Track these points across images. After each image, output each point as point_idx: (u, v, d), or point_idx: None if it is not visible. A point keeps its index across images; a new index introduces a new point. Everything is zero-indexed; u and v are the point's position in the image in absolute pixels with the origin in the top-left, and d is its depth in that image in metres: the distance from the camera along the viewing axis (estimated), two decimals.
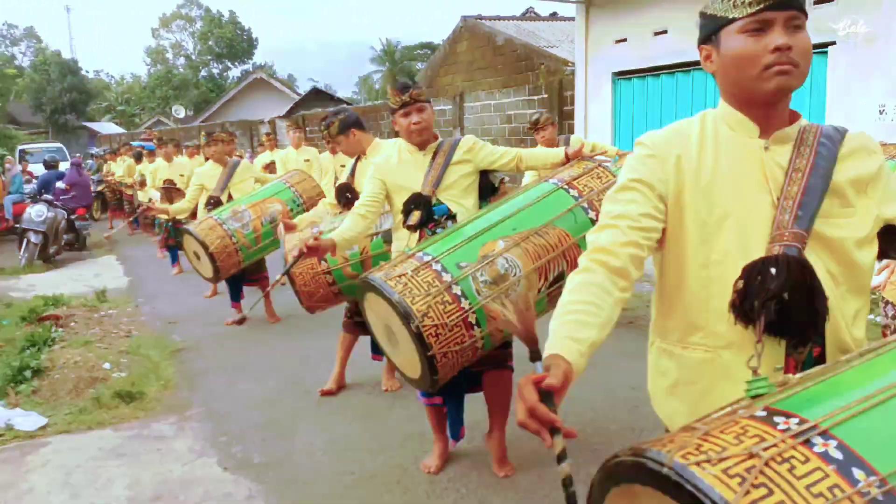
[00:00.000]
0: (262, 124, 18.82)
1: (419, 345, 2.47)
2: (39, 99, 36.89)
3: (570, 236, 2.72)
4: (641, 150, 1.43)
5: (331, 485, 3.10)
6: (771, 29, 1.27)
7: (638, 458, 0.93)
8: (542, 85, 9.78)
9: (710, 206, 1.34)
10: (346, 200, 4.20)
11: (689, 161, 1.37)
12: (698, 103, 7.35)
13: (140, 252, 10.54)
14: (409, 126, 3.00)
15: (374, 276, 2.62)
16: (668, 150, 1.39)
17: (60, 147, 23.56)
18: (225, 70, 44.32)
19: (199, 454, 3.46)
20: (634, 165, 1.41)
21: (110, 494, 3.07)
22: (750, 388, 1.04)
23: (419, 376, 2.67)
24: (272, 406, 4.06)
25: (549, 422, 1.01)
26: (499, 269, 2.59)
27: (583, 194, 2.81)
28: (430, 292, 2.50)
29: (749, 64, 1.29)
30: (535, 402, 1.02)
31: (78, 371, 4.52)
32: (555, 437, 1.01)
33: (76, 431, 3.76)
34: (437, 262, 2.60)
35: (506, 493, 2.95)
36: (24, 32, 47.60)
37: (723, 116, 1.41)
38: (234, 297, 6.00)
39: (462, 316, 2.52)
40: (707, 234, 1.34)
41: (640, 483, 0.94)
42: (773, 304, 1.19)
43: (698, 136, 1.40)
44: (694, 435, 0.93)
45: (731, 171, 1.35)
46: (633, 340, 5.07)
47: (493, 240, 2.66)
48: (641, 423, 3.59)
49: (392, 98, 3.02)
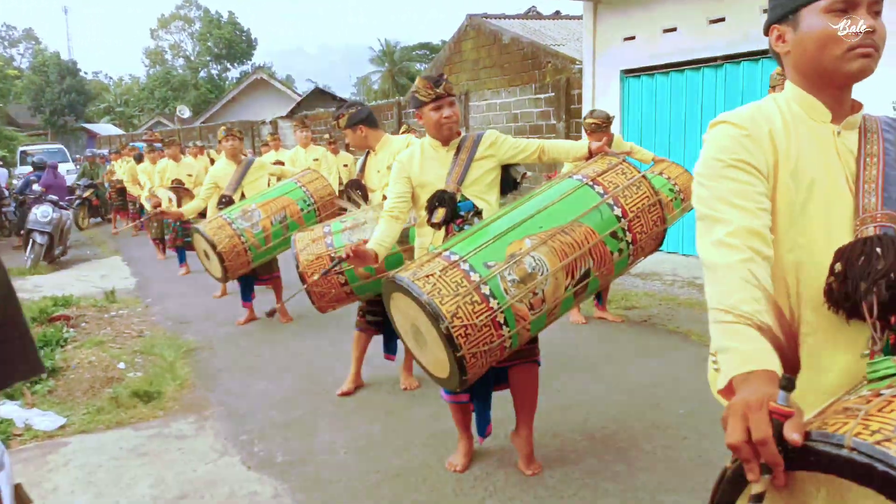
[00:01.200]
0: (263, 125, 18.80)
1: (449, 345, 2.45)
2: (38, 100, 36.88)
3: (595, 233, 2.71)
4: (733, 130, 1.33)
5: (356, 483, 3.07)
6: (855, 10, 1.25)
7: (806, 441, 0.87)
8: (548, 83, 9.76)
9: (797, 186, 1.31)
10: (357, 196, 4.19)
11: (780, 139, 1.33)
12: (708, 101, 7.33)
13: (145, 253, 10.50)
14: (441, 119, 2.97)
15: (401, 276, 2.59)
16: (761, 127, 1.33)
17: (61, 148, 23.55)
18: (224, 71, 44.29)
19: (221, 453, 3.43)
20: (731, 147, 1.32)
21: (135, 493, 3.04)
22: (874, 369, 1.01)
23: (447, 376, 2.65)
24: (290, 405, 4.04)
25: (776, 464, 0.90)
26: (526, 267, 2.57)
27: (608, 191, 2.79)
28: (458, 292, 2.48)
29: (834, 43, 1.26)
30: (770, 437, 0.90)
31: (93, 371, 4.50)
32: (764, 475, 0.91)
33: (95, 431, 3.73)
34: (465, 261, 2.57)
35: (534, 490, 2.93)
36: (23, 34, 47.55)
37: (795, 100, 1.38)
38: (245, 296, 5.97)
39: (491, 316, 2.50)
40: (794, 217, 1.31)
41: (804, 469, 0.89)
42: (885, 285, 1.16)
43: (780, 115, 1.36)
44: (852, 417, 0.88)
45: (812, 153, 1.33)
46: (650, 339, 5.07)
47: (519, 238, 2.64)
48: (666, 420, 3.57)
49: (423, 91, 2.97)
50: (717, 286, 1.21)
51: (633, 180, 2.84)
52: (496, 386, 3.07)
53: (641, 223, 2.79)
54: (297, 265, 3.87)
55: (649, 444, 3.31)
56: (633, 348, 4.86)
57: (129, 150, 12.66)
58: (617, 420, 3.62)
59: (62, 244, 9.74)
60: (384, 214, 3.07)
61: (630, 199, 2.79)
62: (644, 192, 2.82)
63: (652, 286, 6.79)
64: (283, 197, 5.51)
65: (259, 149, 12.96)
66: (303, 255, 3.88)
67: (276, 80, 30.89)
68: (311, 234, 4.03)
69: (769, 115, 1.36)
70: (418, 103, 3.01)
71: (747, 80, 6.97)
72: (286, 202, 5.47)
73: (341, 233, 3.97)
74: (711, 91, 7.33)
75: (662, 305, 6.04)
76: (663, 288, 6.67)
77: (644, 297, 6.36)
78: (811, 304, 1.28)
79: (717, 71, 7.23)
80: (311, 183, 5.68)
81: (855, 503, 0.84)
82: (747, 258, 1.20)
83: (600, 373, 4.36)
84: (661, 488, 2.90)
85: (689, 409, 3.67)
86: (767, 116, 1.36)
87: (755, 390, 0.98)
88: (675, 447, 3.27)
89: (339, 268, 3.86)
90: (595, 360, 4.62)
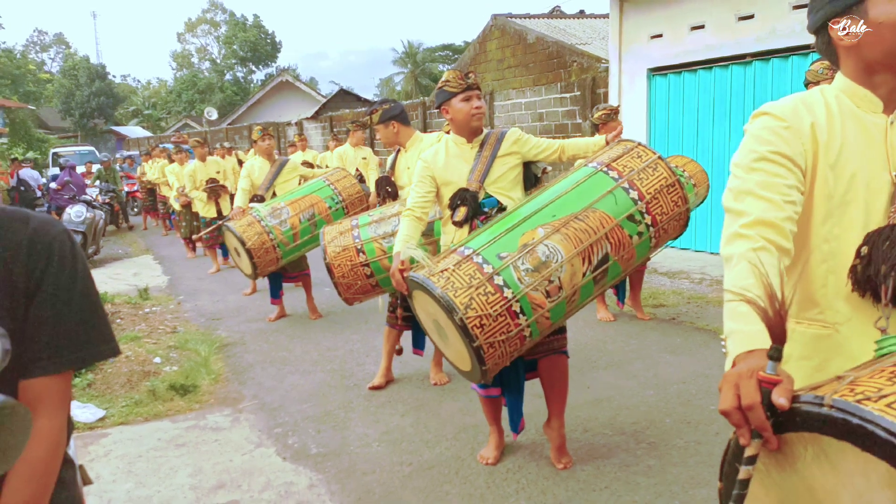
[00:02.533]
0: (289, 126, 18.99)
1: (465, 336, 2.50)
2: (68, 103, 37.60)
3: (611, 218, 2.71)
4: (773, 122, 1.35)
5: (389, 475, 3.12)
6: None
7: (791, 403, 0.91)
8: (574, 82, 9.75)
9: (837, 179, 1.33)
10: (387, 193, 4.25)
11: (822, 132, 1.34)
12: (737, 98, 7.27)
13: (175, 252, 10.70)
14: (470, 111, 2.99)
15: (416, 274, 2.67)
16: (802, 119, 1.35)
17: (92, 150, 23.99)
18: (249, 74, 44.80)
19: (256, 444, 3.50)
20: (769, 138, 1.33)
21: (174, 483, 3.12)
22: (881, 346, 1.03)
23: (470, 368, 2.69)
24: (322, 399, 4.10)
25: (763, 428, 0.95)
26: (540, 256, 2.60)
27: (622, 175, 2.79)
28: (472, 284, 2.53)
29: None
30: (757, 402, 0.95)
31: (130, 365, 4.61)
32: (755, 440, 0.96)
33: (134, 423, 3.83)
34: (478, 254, 2.62)
35: (566, 483, 2.95)
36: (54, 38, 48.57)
37: (845, 91, 1.38)
38: (274, 293, 6.06)
39: (506, 305, 2.53)
40: (832, 208, 1.33)
41: (791, 430, 0.92)
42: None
43: (825, 108, 1.37)
44: (841, 383, 0.91)
45: (857, 145, 1.34)
46: (678, 337, 5.05)
47: (532, 228, 2.67)
48: (696, 416, 3.57)
49: (454, 82, 2.99)
50: (729, 273, 1.25)
51: (649, 162, 2.83)
52: (526, 375, 3.09)
53: (660, 204, 2.77)
54: (325, 257, 3.98)
55: (681, 440, 3.31)
56: (661, 346, 4.85)
57: (160, 151, 12.89)
58: (647, 416, 3.63)
59: (95, 243, 9.95)
60: (406, 213, 3.10)
61: (646, 181, 2.77)
62: (661, 174, 2.80)
63: (680, 285, 6.76)
64: (311, 195, 5.60)
65: (286, 149, 13.10)
66: (330, 247, 3.99)
67: (301, 82, 31.14)
68: (338, 227, 4.13)
69: (813, 107, 1.37)
70: (447, 96, 3.02)
71: (777, 78, 6.90)
72: (314, 200, 5.55)
73: (367, 226, 4.06)
74: (740, 89, 7.26)
75: (691, 304, 6.01)
76: (691, 286, 6.63)
77: (672, 295, 6.34)
78: (844, 294, 1.31)
79: (745, 68, 7.17)
80: (339, 181, 5.76)
81: (836, 459, 0.88)
82: (759, 247, 1.23)
83: (629, 369, 4.36)
84: (693, 482, 2.90)
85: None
86: (811, 108, 1.37)
87: (749, 363, 1.03)
88: (706, 442, 3.27)
89: (366, 261, 3.96)
90: (623, 356, 4.62)
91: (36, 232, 1.14)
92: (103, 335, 1.21)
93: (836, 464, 0.87)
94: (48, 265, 1.13)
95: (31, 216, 1.16)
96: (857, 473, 0.84)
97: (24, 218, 1.15)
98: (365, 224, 4.09)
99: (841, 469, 0.87)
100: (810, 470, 0.92)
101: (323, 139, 16.46)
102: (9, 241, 1.12)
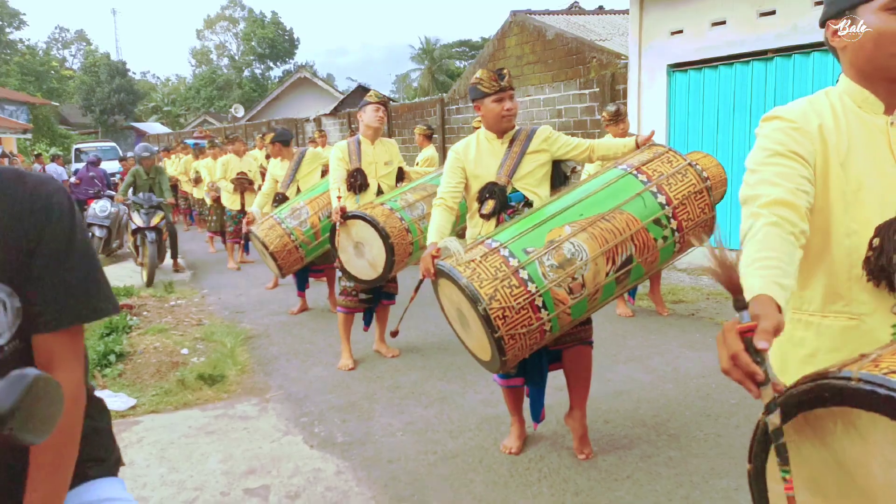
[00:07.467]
0: (307, 122, 19.12)
1: (487, 327, 2.56)
2: (89, 100, 38.05)
3: (638, 220, 2.76)
4: (783, 124, 1.41)
5: (415, 463, 3.19)
6: None
7: (820, 381, 0.96)
8: (593, 79, 9.75)
9: (848, 177, 1.38)
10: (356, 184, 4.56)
11: (830, 133, 1.40)
12: (758, 95, 7.25)
13: (197, 246, 10.85)
14: (502, 112, 3.04)
15: (443, 263, 2.74)
16: (810, 121, 1.41)
17: (114, 146, 24.35)
18: (267, 70, 45.09)
19: (283, 433, 3.59)
20: (780, 138, 1.39)
21: (206, 468, 3.22)
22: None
23: (490, 358, 2.75)
24: (346, 390, 4.18)
25: (751, 373, 1.00)
26: (565, 253, 2.65)
27: (651, 179, 2.84)
28: (497, 276, 2.59)
29: (891, 42, 1.32)
30: (738, 350, 1.00)
31: (158, 356, 4.72)
32: (761, 387, 1.00)
33: (164, 411, 3.93)
34: (505, 247, 2.68)
35: (588, 472, 3.01)
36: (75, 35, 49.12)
37: (847, 93, 1.44)
38: (301, 286, 6.16)
39: (529, 299, 2.59)
40: (847, 205, 1.38)
41: (820, 406, 0.97)
42: None
43: (831, 110, 1.43)
44: (865, 360, 0.96)
45: (862, 145, 1.39)
46: (697, 332, 5.08)
47: (559, 225, 2.73)
48: (716, 409, 3.61)
49: (488, 82, 3.04)
50: (744, 251, 1.30)
51: (679, 168, 2.88)
52: (550, 366, 3.15)
53: (687, 211, 2.82)
54: (335, 252, 4.34)
55: (701, 432, 3.36)
56: (680, 341, 4.88)
57: (182, 147, 13.03)
58: (668, 408, 3.67)
59: (119, 237, 10.11)
60: (437, 203, 3.16)
61: (675, 187, 2.81)
62: (690, 180, 2.84)
63: (699, 281, 6.78)
64: (328, 192, 5.66)
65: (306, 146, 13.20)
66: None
67: (319, 78, 31.30)
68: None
69: (820, 110, 1.43)
70: (480, 94, 3.07)
71: (798, 74, 6.87)
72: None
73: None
74: (761, 85, 7.24)
75: (710, 300, 6.03)
76: (711, 283, 6.64)
77: (691, 291, 6.35)
78: (867, 287, 1.36)
79: (767, 64, 7.14)
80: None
81: (866, 430, 0.92)
82: (772, 222, 1.27)
83: (649, 364, 4.40)
84: (713, 473, 2.95)
85: (741, 399, 3.69)
86: (818, 111, 1.42)
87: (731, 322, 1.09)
88: (727, 435, 3.31)
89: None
90: (643, 351, 4.66)
91: (34, 190, 1.14)
92: (104, 292, 1.21)
93: (865, 435, 0.92)
94: (47, 222, 1.13)
95: (26, 175, 1.16)
96: (886, 442, 0.89)
97: (21, 177, 1.15)
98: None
99: (870, 440, 0.92)
100: (840, 444, 0.97)
101: (341, 135, 16.56)
102: (7, 200, 1.12)
